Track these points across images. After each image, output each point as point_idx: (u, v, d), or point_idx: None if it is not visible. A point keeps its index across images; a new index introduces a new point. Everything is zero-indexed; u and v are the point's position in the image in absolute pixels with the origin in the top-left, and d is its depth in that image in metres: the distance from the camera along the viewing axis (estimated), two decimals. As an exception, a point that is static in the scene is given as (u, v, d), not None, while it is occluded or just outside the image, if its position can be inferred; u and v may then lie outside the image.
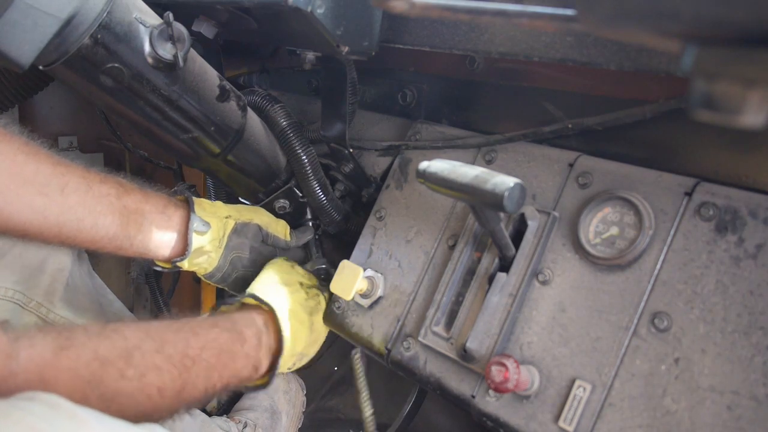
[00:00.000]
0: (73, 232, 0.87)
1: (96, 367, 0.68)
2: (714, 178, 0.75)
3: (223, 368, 0.82)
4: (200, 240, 1.00)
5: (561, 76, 0.92)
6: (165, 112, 0.90)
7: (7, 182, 0.80)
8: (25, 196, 0.81)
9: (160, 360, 0.74)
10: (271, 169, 1.11)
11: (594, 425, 0.73)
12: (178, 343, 0.78)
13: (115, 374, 0.69)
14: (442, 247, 0.96)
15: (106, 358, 0.69)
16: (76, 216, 0.86)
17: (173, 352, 0.76)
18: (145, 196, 0.96)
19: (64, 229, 0.86)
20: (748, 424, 0.63)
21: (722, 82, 0.33)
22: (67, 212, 0.85)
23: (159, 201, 0.98)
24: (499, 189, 0.69)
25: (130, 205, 0.92)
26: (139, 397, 0.71)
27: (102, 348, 0.69)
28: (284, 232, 1.14)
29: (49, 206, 0.83)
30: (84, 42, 0.76)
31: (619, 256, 0.76)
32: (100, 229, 0.89)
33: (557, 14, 0.46)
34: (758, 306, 0.66)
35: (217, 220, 1.03)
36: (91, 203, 0.87)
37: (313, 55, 1.04)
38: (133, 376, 0.70)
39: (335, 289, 1.03)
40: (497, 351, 0.82)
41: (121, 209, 0.91)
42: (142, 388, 0.71)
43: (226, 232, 1.04)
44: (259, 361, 0.90)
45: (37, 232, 0.84)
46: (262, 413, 1.41)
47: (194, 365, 0.78)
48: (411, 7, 0.52)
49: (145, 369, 0.72)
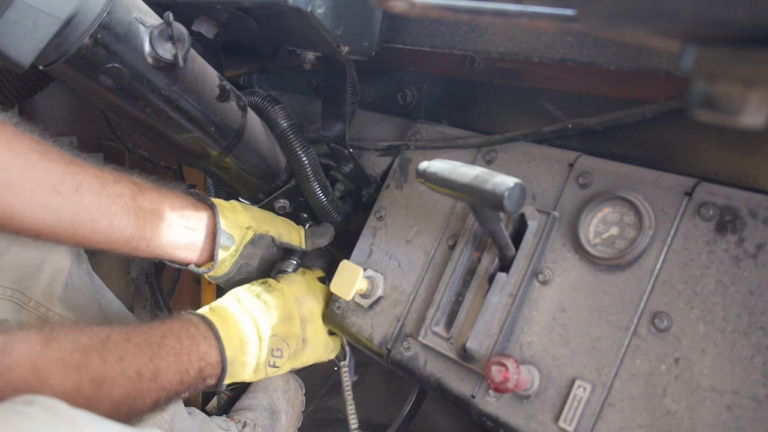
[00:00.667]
0: (87, 233, 0.86)
1: (80, 355, 0.72)
2: (714, 178, 0.75)
3: (189, 352, 0.85)
4: (223, 254, 1.01)
5: (561, 76, 0.92)
6: (165, 112, 0.90)
7: (21, 181, 0.79)
8: (39, 195, 0.81)
9: (130, 347, 0.78)
10: (271, 169, 1.11)
11: (594, 425, 0.73)
12: (141, 333, 0.82)
13: (97, 360, 0.73)
14: (442, 247, 0.96)
15: (85, 346, 0.73)
16: (91, 216, 0.86)
17: (139, 340, 0.80)
18: (161, 196, 0.95)
19: (78, 230, 0.85)
20: (748, 424, 0.63)
21: (722, 82, 0.33)
22: (81, 212, 0.85)
23: (176, 201, 0.97)
24: (499, 189, 0.69)
25: (146, 205, 0.92)
26: (121, 379, 0.74)
27: (80, 339, 0.74)
28: (299, 238, 1.14)
29: (63, 206, 0.83)
30: (84, 42, 0.76)
31: (619, 256, 0.76)
32: (116, 230, 0.89)
33: (557, 14, 0.46)
34: (758, 306, 0.66)
35: (239, 230, 1.03)
36: (105, 203, 0.87)
37: (313, 55, 1.04)
38: (113, 360, 0.75)
39: (335, 289, 1.03)
40: (497, 351, 0.82)
41: (136, 210, 0.90)
42: (123, 371, 0.75)
43: (244, 241, 1.04)
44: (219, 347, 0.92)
45: (51, 233, 0.84)
46: (261, 413, 1.41)
47: (161, 349, 0.81)
48: (411, 7, 0.52)
49: (121, 354, 0.76)
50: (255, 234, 1.05)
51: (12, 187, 0.78)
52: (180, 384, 0.83)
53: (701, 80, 0.34)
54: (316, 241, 1.14)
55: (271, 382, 1.49)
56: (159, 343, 0.82)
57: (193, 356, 0.85)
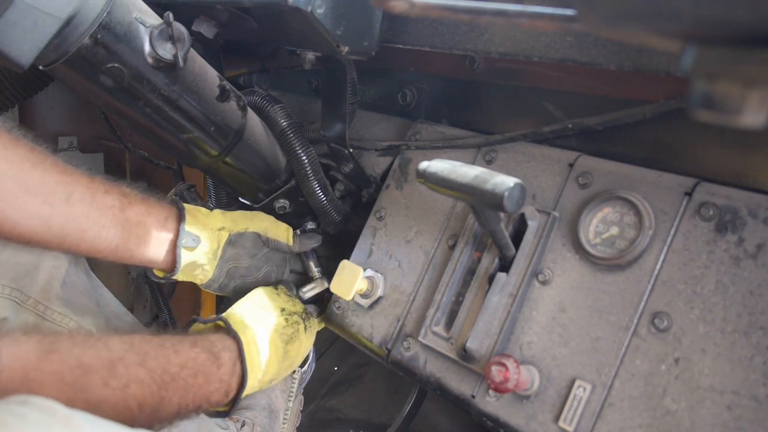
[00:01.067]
0: (76, 242, 0.88)
1: (80, 373, 0.68)
2: (714, 178, 0.75)
3: (198, 389, 0.83)
4: (192, 255, 1.00)
5: (561, 76, 0.92)
6: (165, 112, 0.90)
7: (15, 190, 0.80)
8: (31, 204, 0.82)
9: (142, 373, 0.75)
10: (271, 169, 1.11)
11: (594, 425, 0.73)
12: (160, 358, 0.78)
13: (98, 382, 0.69)
14: (442, 247, 0.96)
15: (90, 366, 0.70)
16: (80, 227, 0.87)
17: (155, 366, 0.77)
18: (148, 208, 0.96)
19: (67, 239, 0.87)
20: (748, 424, 0.63)
21: (722, 82, 0.33)
22: (71, 222, 0.86)
23: (161, 213, 0.98)
24: (499, 189, 0.69)
25: (133, 218, 0.93)
26: (120, 408, 0.71)
27: (86, 356, 0.70)
28: (286, 236, 1.13)
29: (54, 216, 0.84)
30: (84, 42, 0.76)
31: (619, 256, 0.76)
32: (103, 241, 0.90)
33: (557, 14, 0.46)
34: (758, 306, 0.66)
35: (210, 232, 1.02)
36: (95, 215, 0.88)
37: (313, 55, 1.04)
38: (116, 386, 0.71)
39: (335, 289, 1.03)
40: (497, 351, 0.82)
41: (123, 222, 0.92)
42: (125, 399, 0.71)
43: (221, 243, 1.03)
44: (231, 387, 0.91)
45: (40, 240, 0.85)
46: (259, 412, 1.41)
47: (173, 382, 0.78)
48: (411, 7, 0.51)
49: (128, 380, 0.72)
50: (231, 234, 1.04)
51: (5, 195, 0.80)
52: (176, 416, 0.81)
53: (701, 80, 0.34)
54: (305, 242, 1.14)
55: None
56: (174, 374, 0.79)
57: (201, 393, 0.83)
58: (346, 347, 1.63)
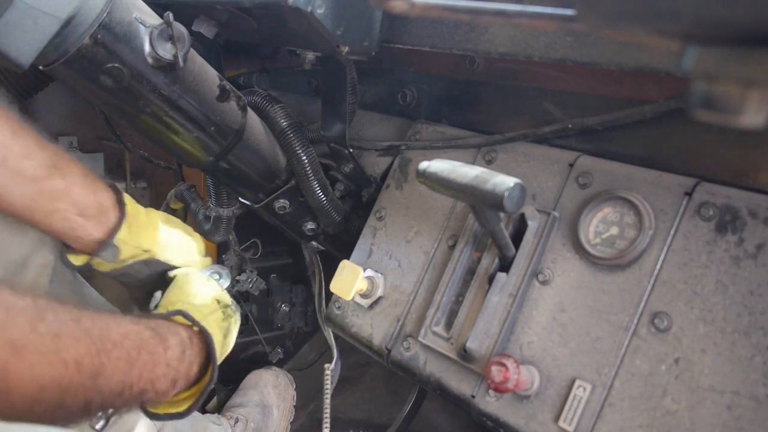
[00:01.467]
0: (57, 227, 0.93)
1: (2, 313, 0.62)
2: (714, 178, 0.75)
3: (144, 367, 0.75)
4: None
5: (561, 76, 0.92)
6: (165, 112, 0.90)
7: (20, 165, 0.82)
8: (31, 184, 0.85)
9: (77, 330, 0.68)
10: (271, 169, 1.11)
11: (594, 425, 0.73)
12: (98, 321, 0.72)
13: (25, 326, 0.63)
14: (442, 247, 0.96)
15: (14, 304, 0.64)
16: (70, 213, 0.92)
17: (91, 326, 0.70)
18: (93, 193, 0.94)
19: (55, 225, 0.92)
20: (748, 424, 0.63)
21: (722, 82, 0.33)
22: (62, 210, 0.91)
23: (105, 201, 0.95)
24: (499, 189, 0.69)
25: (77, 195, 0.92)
26: (54, 359, 0.65)
27: (10, 299, 0.64)
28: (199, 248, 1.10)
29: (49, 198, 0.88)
30: (84, 42, 0.76)
31: (619, 256, 0.76)
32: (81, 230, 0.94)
33: (557, 14, 0.46)
34: (758, 306, 0.66)
35: (131, 249, 0.98)
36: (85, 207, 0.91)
37: (313, 55, 1.04)
38: (45, 332, 0.64)
39: (335, 289, 1.03)
40: (497, 351, 0.82)
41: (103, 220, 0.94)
42: (58, 350, 0.65)
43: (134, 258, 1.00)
44: (178, 377, 0.83)
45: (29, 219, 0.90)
46: (252, 408, 1.41)
47: (114, 349, 0.71)
48: (411, 7, 0.51)
49: (59, 330, 0.66)
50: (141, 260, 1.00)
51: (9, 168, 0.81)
52: (120, 396, 0.72)
53: (701, 80, 0.34)
54: None
55: (261, 379, 1.49)
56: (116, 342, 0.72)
57: (146, 374, 0.76)
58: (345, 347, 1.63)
